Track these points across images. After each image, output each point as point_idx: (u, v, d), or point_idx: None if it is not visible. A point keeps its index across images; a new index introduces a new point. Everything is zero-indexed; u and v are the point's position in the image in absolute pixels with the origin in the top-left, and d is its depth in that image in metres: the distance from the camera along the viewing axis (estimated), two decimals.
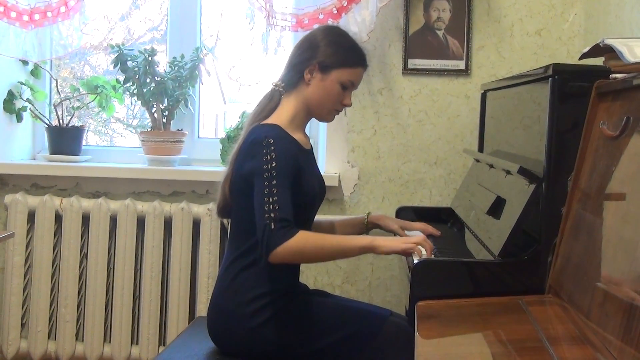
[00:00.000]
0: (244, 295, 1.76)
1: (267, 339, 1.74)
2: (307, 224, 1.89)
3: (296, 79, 1.86)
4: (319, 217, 2.02)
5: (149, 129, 2.68)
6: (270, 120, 1.84)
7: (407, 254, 1.73)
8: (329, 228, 2.10)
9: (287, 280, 1.81)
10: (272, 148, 1.70)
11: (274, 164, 1.69)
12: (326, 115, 1.91)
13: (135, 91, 2.65)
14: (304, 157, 1.84)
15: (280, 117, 1.85)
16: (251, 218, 1.69)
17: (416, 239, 1.71)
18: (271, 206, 1.64)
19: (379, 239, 1.71)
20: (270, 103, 1.89)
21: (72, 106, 2.80)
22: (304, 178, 1.78)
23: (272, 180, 1.67)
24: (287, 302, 1.78)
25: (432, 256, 1.68)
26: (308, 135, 1.99)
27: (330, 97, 1.85)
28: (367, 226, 2.10)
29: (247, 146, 1.77)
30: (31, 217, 2.58)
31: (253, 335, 1.75)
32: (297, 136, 1.86)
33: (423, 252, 1.67)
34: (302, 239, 1.64)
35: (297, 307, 1.79)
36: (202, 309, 2.51)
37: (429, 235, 1.96)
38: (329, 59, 1.83)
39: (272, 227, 1.63)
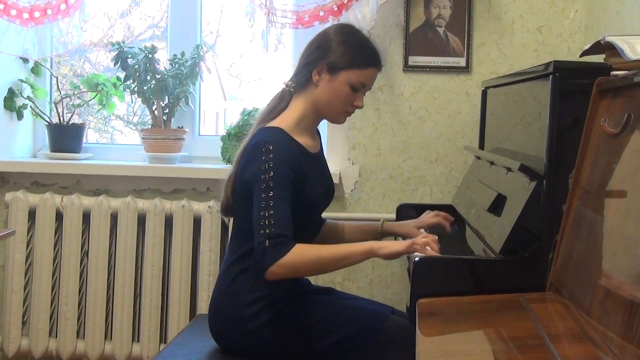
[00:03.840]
0: (243, 298, 1.75)
1: (266, 341, 1.74)
2: (311, 227, 1.88)
3: (305, 80, 1.81)
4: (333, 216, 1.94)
5: (150, 127, 2.68)
6: (276, 123, 1.80)
7: (411, 252, 1.66)
8: (341, 232, 2.05)
9: (287, 283, 1.76)
10: (271, 155, 1.67)
11: (271, 173, 1.65)
12: (336, 116, 1.85)
13: (135, 89, 2.65)
14: (308, 162, 1.79)
15: (287, 119, 1.81)
16: (250, 222, 1.68)
17: (420, 239, 1.65)
18: (267, 221, 1.62)
19: (379, 243, 1.67)
20: (281, 103, 1.85)
21: (73, 104, 2.80)
22: (307, 183, 1.75)
23: (269, 192, 1.64)
24: (287, 304, 1.77)
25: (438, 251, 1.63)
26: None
27: (340, 99, 1.79)
28: (382, 234, 2.02)
29: (248, 150, 1.75)
30: (32, 214, 2.59)
31: (252, 337, 1.74)
32: (303, 140, 1.81)
33: (428, 249, 1.62)
34: (297, 254, 1.61)
35: (296, 309, 1.78)
36: (203, 307, 2.51)
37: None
38: (337, 59, 1.77)
39: (267, 244, 1.60)
